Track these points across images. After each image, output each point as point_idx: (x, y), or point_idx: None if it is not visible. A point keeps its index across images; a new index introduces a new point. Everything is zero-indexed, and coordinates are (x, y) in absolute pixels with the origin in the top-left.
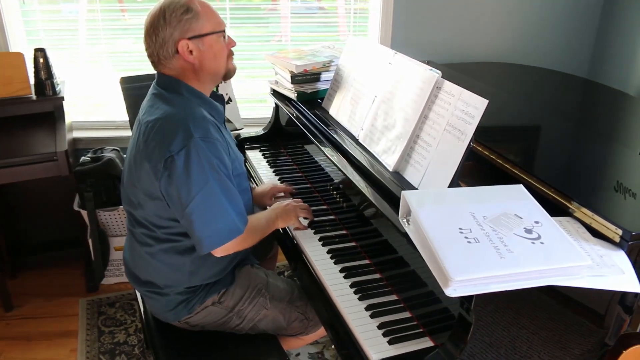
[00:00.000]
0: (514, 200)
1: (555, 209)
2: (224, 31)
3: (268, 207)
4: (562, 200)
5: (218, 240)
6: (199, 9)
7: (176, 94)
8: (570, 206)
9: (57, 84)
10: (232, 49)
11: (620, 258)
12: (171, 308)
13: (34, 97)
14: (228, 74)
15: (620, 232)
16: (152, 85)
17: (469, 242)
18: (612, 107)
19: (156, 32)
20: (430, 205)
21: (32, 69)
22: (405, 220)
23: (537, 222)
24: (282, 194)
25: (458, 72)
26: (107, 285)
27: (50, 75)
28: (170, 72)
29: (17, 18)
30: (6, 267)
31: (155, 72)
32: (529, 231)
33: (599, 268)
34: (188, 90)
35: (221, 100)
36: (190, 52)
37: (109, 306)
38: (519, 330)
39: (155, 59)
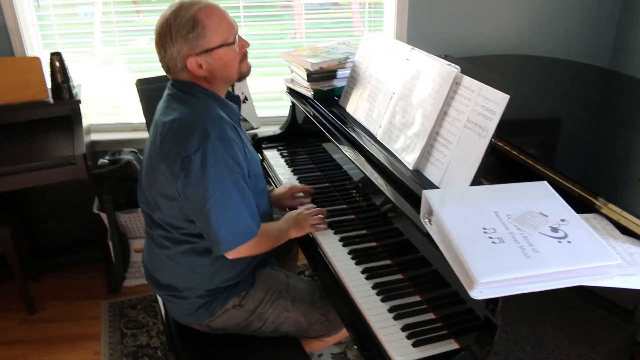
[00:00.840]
0: (539, 198)
1: (581, 206)
2: (233, 42)
3: (287, 210)
4: (588, 197)
5: (234, 240)
6: (205, 22)
7: (190, 94)
8: (597, 202)
9: (74, 87)
10: (246, 48)
11: None
12: (192, 312)
13: (51, 101)
14: (242, 76)
15: None
16: (167, 86)
17: (493, 242)
18: (634, 98)
19: (164, 47)
20: (452, 205)
21: (49, 73)
22: (427, 220)
23: (563, 220)
24: (302, 193)
25: (476, 65)
26: (129, 288)
27: (66, 78)
28: (183, 78)
29: (33, 22)
30: (29, 270)
31: None
32: (555, 230)
33: (630, 267)
34: (203, 91)
35: (237, 100)
36: (200, 66)
37: (131, 308)
38: (544, 327)
39: (166, 69)
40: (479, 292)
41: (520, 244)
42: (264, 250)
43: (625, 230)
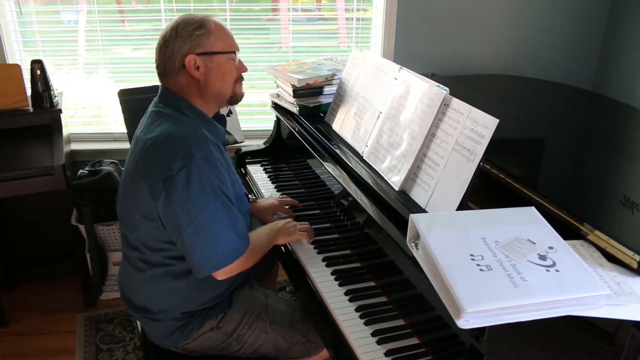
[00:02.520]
0: (527, 224)
1: (567, 231)
2: (234, 53)
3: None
4: (575, 222)
5: (219, 263)
6: (212, 27)
7: (177, 111)
8: (583, 229)
9: (55, 96)
10: (243, 73)
11: (639, 285)
12: (168, 334)
13: (30, 109)
14: (234, 98)
15: (638, 257)
16: (152, 103)
17: (481, 269)
18: (617, 120)
19: (166, 44)
20: (439, 230)
21: (29, 81)
22: (413, 244)
23: (551, 248)
24: (285, 214)
25: (462, 85)
26: (105, 301)
27: (47, 87)
28: (175, 87)
29: (14, 28)
30: (2, 281)
31: (155, 84)
32: (543, 258)
33: (617, 297)
34: (190, 108)
35: (222, 121)
36: (197, 67)
37: (107, 322)
38: (525, 347)
39: (161, 71)
40: (466, 322)
41: (509, 272)
42: (255, 262)
43: (611, 258)
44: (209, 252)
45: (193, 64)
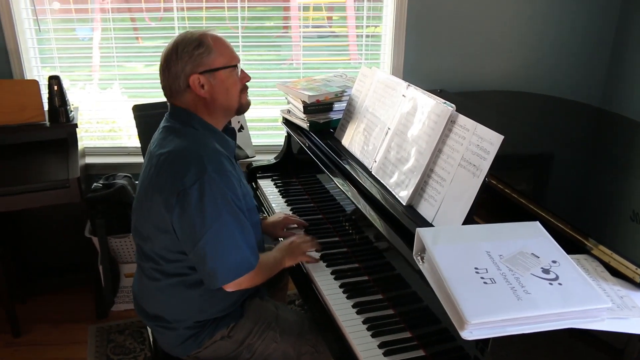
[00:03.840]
0: (531, 239)
1: (572, 246)
2: (236, 65)
3: (280, 240)
4: (579, 237)
5: (230, 274)
6: (211, 43)
7: (188, 126)
8: (588, 243)
9: (71, 111)
10: (247, 82)
11: None
12: (180, 342)
13: (47, 124)
14: (241, 108)
15: None
16: (164, 118)
17: (485, 282)
18: (625, 137)
19: (169, 66)
20: (445, 243)
21: (47, 96)
22: (419, 257)
23: (554, 262)
24: (295, 225)
25: (471, 101)
26: (117, 312)
27: (64, 102)
28: (183, 105)
29: (33, 45)
30: (15, 292)
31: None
32: (546, 271)
33: (620, 310)
34: (200, 123)
35: (232, 134)
36: (202, 86)
37: (119, 333)
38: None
39: (167, 93)
40: (470, 333)
41: (512, 285)
42: (263, 280)
43: (615, 272)
44: (221, 264)
45: (197, 83)
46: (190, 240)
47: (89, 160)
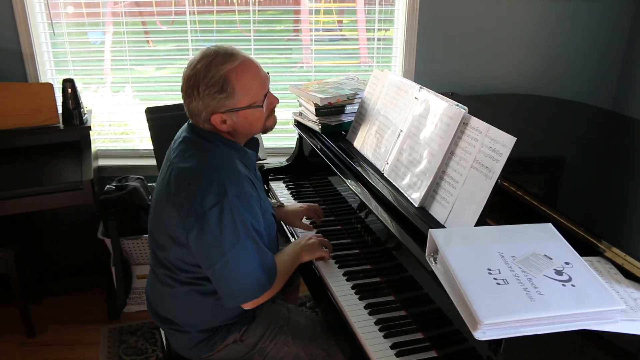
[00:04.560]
0: (543, 240)
1: (584, 248)
2: (262, 103)
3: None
4: (592, 239)
5: (245, 297)
6: (235, 84)
7: (209, 142)
8: (601, 245)
9: (85, 114)
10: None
11: None
12: (192, 345)
13: (61, 126)
14: (266, 130)
15: None
16: (185, 126)
17: (497, 283)
18: (637, 139)
19: (190, 98)
20: (458, 245)
21: (61, 99)
22: (432, 258)
23: (567, 264)
24: (313, 219)
25: (481, 104)
26: (129, 314)
27: (77, 105)
28: (205, 128)
29: (47, 49)
30: (29, 292)
31: (180, 102)
32: (559, 273)
33: (633, 312)
34: (222, 141)
35: (255, 144)
36: (224, 121)
37: (131, 334)
38: None
39: (189, 115)
40: (483, 333)
41: (525, 286)
42: (280, 288)
43: (628, 275)
44: (237, 287)
45: (219, 120)
46: (207, 261)
47: (102, 162)
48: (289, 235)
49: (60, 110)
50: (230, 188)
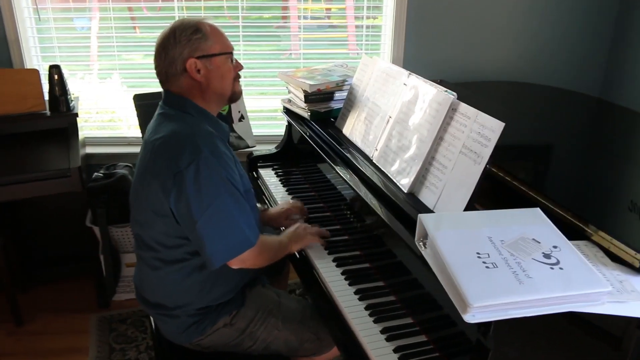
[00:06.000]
0: (532, 225)
1: (572, 232)
2: (231, 53)
3: (282, 228)
4: (579, 224)
5: (229, 253)
6: (208, 30)
7: (182, 111)
8: (588, 230)
9: (71, 100)
10: (240, 71)
11: None
12: (182, 330)
13: (48, 113)
14: (234, 96)
15: None
16: (158, 106)
17: (487, 267)
18: (624, 126)
19: (166, 50)
20: (447, 229)
21: (47, 85)
22: (421, 243)
23: (555, 247)
24: (298, 215)
25: (471, 91)
26: (119, 302)
27: (64, 91)
28: (177, 90)
29: (33, 35)
30: (17, 281)
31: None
32: (547, 256)
33: (619, 294)
34: (194, 108)
35: (227, 120)
36: (198, 70)
37: (120, 323)
38: (534, 351)
39: (163, 78)
40: (472, 316)
41: (514, 269)
42: (266, 262)
43: (615, 258)
44: (220, 243)
45: (194, 67)
46: (189, 222)
47: (89, 150)
48: None
49: (46, 97)
50: (204, 146)
